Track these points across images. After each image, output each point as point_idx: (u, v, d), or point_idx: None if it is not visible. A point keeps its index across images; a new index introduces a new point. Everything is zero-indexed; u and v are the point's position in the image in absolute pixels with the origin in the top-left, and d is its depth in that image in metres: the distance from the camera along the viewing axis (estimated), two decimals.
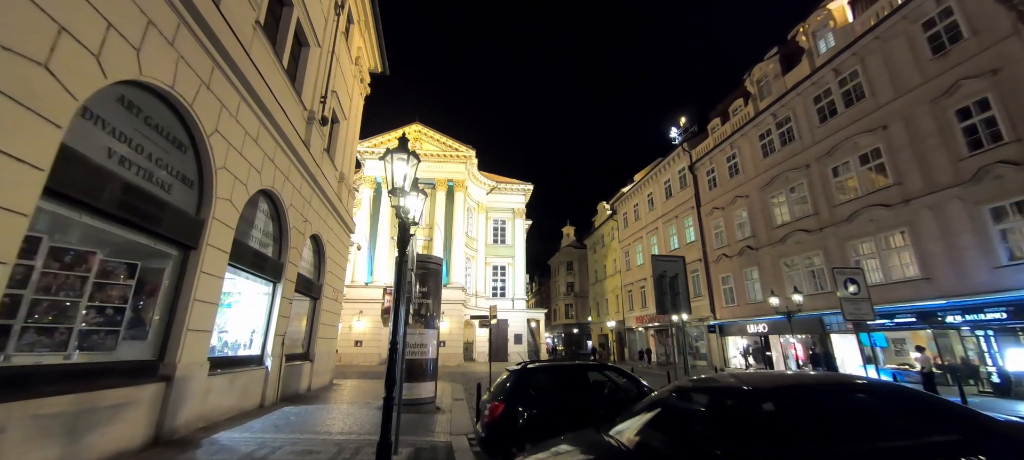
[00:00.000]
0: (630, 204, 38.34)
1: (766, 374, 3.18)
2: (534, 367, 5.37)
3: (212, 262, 6.29)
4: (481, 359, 30.86)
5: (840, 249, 17.51)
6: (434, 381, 9.68)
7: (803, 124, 19.86)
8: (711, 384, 3.03)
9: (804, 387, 2.53)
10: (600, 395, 5.42)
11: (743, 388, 2.55)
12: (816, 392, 2.50)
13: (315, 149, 10.92)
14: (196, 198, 6.10)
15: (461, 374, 20.04)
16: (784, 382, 2.57)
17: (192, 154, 5.96)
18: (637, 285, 35.44)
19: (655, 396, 3.50)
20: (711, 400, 2.77)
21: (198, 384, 6.07)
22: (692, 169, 28.57)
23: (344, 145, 14.62)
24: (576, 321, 55.37)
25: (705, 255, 26.53)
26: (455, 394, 12.18)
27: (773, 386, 2.45)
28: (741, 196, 23.61)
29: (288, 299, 9.57)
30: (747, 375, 3.10)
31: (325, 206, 12.25)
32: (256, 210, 8.22)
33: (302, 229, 10.25)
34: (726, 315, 24.36)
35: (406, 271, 6.16)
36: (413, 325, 9.52)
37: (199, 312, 6.00)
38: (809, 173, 19.24)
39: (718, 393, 2.73)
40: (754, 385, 2.54)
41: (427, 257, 10.19)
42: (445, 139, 31.14)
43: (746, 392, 2.44)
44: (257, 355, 8.59)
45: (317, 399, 10.26)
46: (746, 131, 23.44)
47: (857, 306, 9.54)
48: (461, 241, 30.16)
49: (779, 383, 2.52)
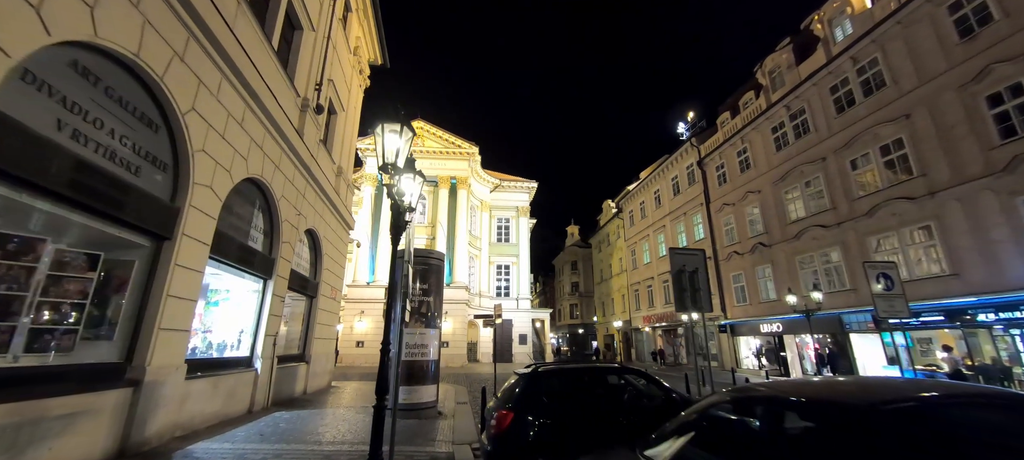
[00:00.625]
0: (636, 202, 37.64)
1: (859, 382, 2.54)
2: (546, 370, 4.73)
3: (189, 254, 5.69)
4: (485, 360, 30.22)
5: (860, 245, 16.76)
6: (436, 384, 9.07)
7: (819, 115, 19.12)
8: (782, 394, 2.39)
9: (937, 399, 1.89)
10: (621, 402, 4.79)
11: (848, 401, 1.91)
12: (952, 405, 1.86)
13: (310, 139, 10.34)
14: (170, 183, 5.52)
15: (465, 376, 19.43)
16: (905, 394, 1.93)
17: (165, 134, 5.37)
18: (644, 284, 34.73)
19: (700, 407, 2.86)
20: (793, 415, 2.12)
21: (173, 389, 5.48)
22: (701, 165, 27.85)
23: (342, 138, 14.05)
24: (581, 321, 54.69)
25: (715, 253, 25.79)
26: (458, 397, 11.56)
27: (893, 398, 1.81)
28: (753, 191, 22.88)
29: (280, 297, 8.99)
30: (833, 384, 2.47)
31: (321, 200, 11.67)
32: (243, 201, 7.64)
33: (296, 223, 9.67)
34: (738, 314, 23.62)
35: (403, 264, 5.55)
36: (413, 324, 8.91)
37: (174, 309, 5.41)
38: (826, 166, 18.49)
39: (805, 407, 2.09)
40: (863, 397, 1.90)
41: (428, 252, 9.59)
42: (448, 135, 30.57)
43: (854, 407, 1.80)
44: (245, 357, 8.01)
45: (312, 403, 9.67)
46: (758, 124, 22.70)
47: (891, 303, 8.84)
48: (464, 239, 29.57)
49: (898, 395, 1.88)
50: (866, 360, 16.84)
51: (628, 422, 4.31)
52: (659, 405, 4.51)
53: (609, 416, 4.39)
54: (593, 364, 5.01)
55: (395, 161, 4.13)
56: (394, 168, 4.17)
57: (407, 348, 8.70)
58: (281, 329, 10.57)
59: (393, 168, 4.16)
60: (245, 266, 7.63)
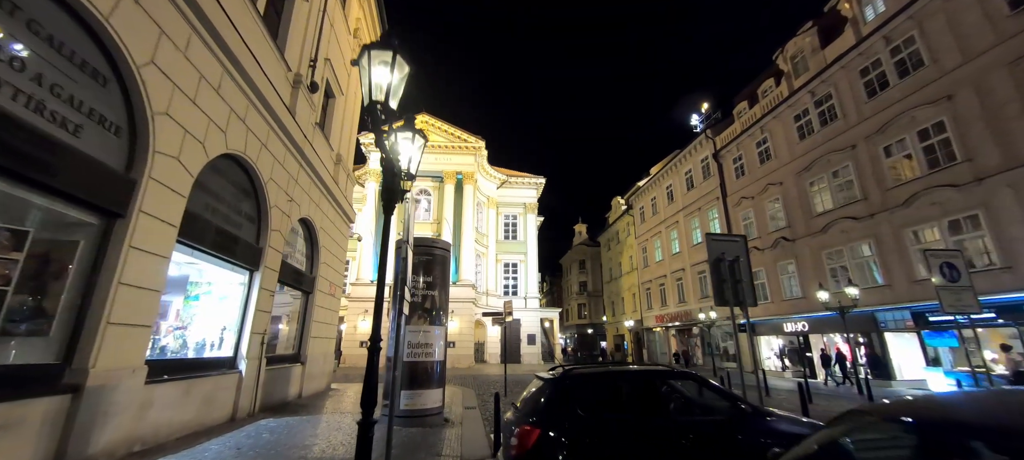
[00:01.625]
0: (647, 198, 36.52)
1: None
2: (579, 375, 3.77)
3: (150, 236, 4.81)
4: (492, 361, 29.28)
5: (896, 237, 15.60)
6: (441, 388, 8.13)
7: (847, 100, 17.95)
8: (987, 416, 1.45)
9: None
10: (677, 415, 3.80)
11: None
12: None
13: (304, 120, 9.47)
14: (125, 150, 4.64)
15: (472, 377, 18.50)
16: None
17: (117, 90, 4.49)
18: (656, 282, 33.61)
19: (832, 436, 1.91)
20: None
21: (128, 395, 4.59)
22: (717, 157, 26.71)
23: (342, 124, 13.20)
24: (589, 321, 53.58)
25: None
26: (466, 402, 10.63)
27: None
28: (774, 184, 21.72)
29: (269, 291, 8.11)
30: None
31: (318, 188, 10.81)
32: (223, 180, 6.76)
33: (287, 210, 8.79)
34: (758, 313, 22.43)
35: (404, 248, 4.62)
36: (416, 321, 7.99)
37: (128, 301, 4.52)
38: (856, 154, 17.33)
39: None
40: None
41: (433, 241, 8.66)
42: (453, 129, 29.70)
43: None
44: (228, 357, 7.13)
45: (306, 409, 8.78)
46: (779, 112, 21.55)
47: (957, 296, 7.78)
48: (471, 237, 28.66)
49: None
50: (903, 361, 15.67)
51: (689, 442, 3.35)
52: (725, 419, 3.54)
53: (664, 435, 3.42)
54: (638, 367, 3.99)
55: (385, 100, 3.17)
56: (385, 111, 3.22)
57: (409, 348, 7.78)
58: (273, 327, 9.72)
59: (384, 110, 3.21)
60: (226, 255, 6.75)
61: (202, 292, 7.45)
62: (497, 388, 14.09)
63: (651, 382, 3.79)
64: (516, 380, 17.16)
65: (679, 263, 30.55)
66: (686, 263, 29.57)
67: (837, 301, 14.82)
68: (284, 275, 9.07)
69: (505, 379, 12.63)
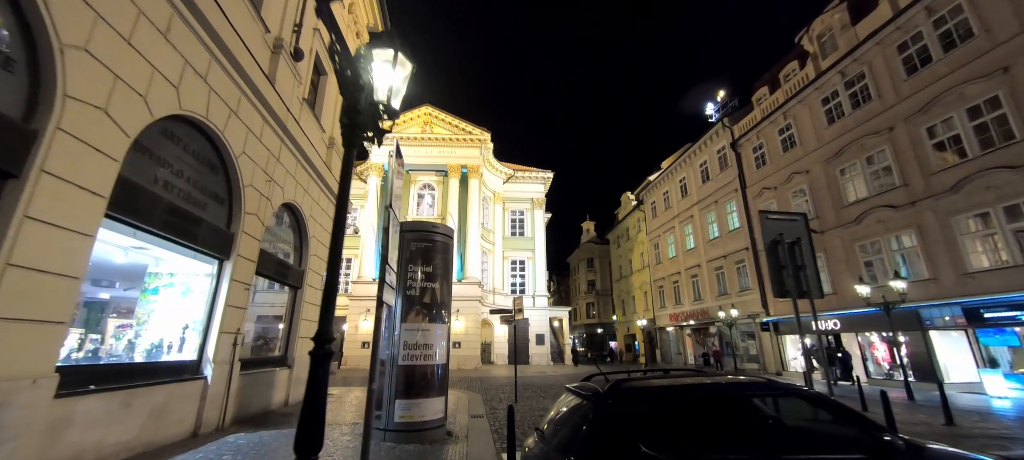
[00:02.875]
0: (659, 192, 35.17)
1: None
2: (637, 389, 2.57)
3: (60, 205, 3.70)
4: (500, 362, 28.13)
5: (942, 226, 14.22)
6: (443, 396, 6.97)
7: (883, 79, 16.57)
8: None
9: None
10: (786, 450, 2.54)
11: None
12: None
13: (287, 91, 8.37)
14: (24, 91, 3.53)
15: (479, 380, 17.34)
16: None
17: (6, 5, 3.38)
18: (670, 280, 32.25)
19: None
20: None
21: (25, 414, 3.47)
22: (735, 146, 25.34)
23: (335, 105, 12.10)
24: (598, 321, 52.29)
25: (753, 243, 23.28)
26: (473, 409, 9.47)
27: None
28: (799, 172, 20.35)
29: (244, 284, 7.00)
30: None
31: (306, 171, 9.71)
32: (178, 149, 5.64)
33: (267, 192, 7.69)
34: (783, 310, 21.06)
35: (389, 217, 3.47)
36: (414, 318, 6.85)
37: (23, 288, 3.42)
38: (894, 137, 15.95)
39: None
40: None
41: (433, 225, 7.50)
42: (458, 121, 28.58)
43: None
44: (190, 361, 6.02)
45: (290, 419, 7.66)
46: (805, 96, 20.16)
47: None
48: (476, 233, 27.52)
49: None
50: (950, 362, 14.27)
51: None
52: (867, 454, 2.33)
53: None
54: (725, 380, 2.60)
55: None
56: None
57: (406, 349, 6.64)
58: (258, 326, 8.64)
59: None
60: (184, 239, 5.64)
61: (162, 284, 6.37)
62: (506, 391, 12.95)
63: (747, 401, 2.58)
64: (526, 383, 15.99)
65: (694, 259, 29.20)
66: (702, 259, 28.21)
67: (880, 296, 13.46)
68: (265, 267, 7.97)
69: (516, 383, 11.47)
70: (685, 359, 29.90)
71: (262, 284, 8.74)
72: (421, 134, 28.49)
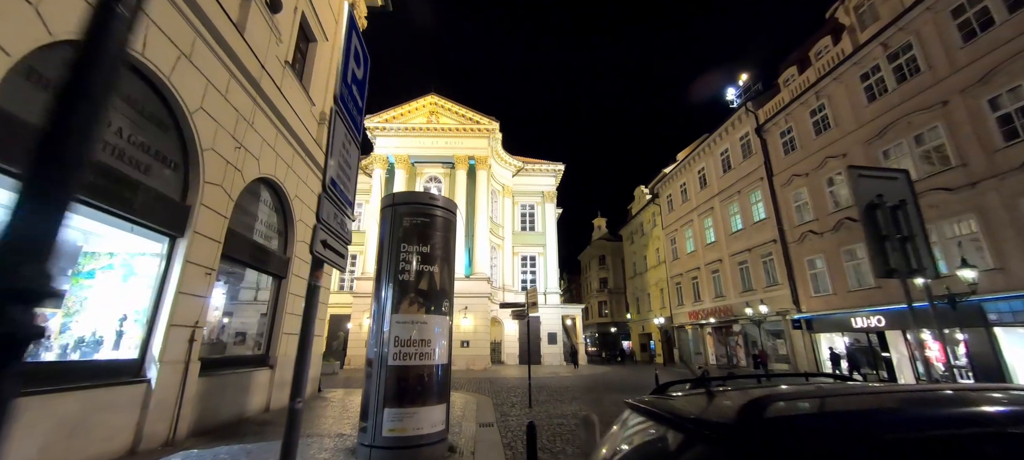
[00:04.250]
0: (675, 185, 33.56)
1: None
2: (809, 416, 1.29)
3: None
4: (511, 362, 26.87)
5: (1008, 208, 12.58)
6: (445, 403, 5.71)
7: (934, 48, 14.92)
8: None
9: None
10: None
11: None
12: None
13: (261, 46, 7.20)
14: None
15: (488, 381, 16.09)
16: None
17: None
18: (688, 276, 30.66)
19: None
20: None
21: None
22: (760, 132, 23.70)
23: (327, 77, 10.95)
24: (611, 319, 50.75)
25: (782, 234, 21.67)
26: (481, 416, 8.20)
27: None
28: (834, 156, 18.71)
29: (204, 268, 5.82)
30: None
31: (290, 145, 8.55)
32: None
33: (237, 161, 6.51)
34: (817, 306, 19.46)
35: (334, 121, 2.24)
36: (408, 309, 5.61)
37: None
38: (948, 112, 14.30)
39: None
40: None
41: (430, 196, 6.25)
42: (465, 111, 27.37)
43: None
44: (129, 361, 4.86)
45: (263, 430, 6.48)
46: (841, 73, 18.52)
47: None
48: (485, 227, 26.27)
49: None
50: (1019, 363, 12.63)
51: None
52: None
53: None
54: (956, 388, 1.31)
55: None
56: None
57: (397, 346, 5.40)
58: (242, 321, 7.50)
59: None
60: (112, 206, 4.46)
61: (99, 267, 5.21)
62: (519, 394, 11.69)
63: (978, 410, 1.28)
64: (540, 385, 14.69)
65: (715, 253, 27.61)
66: (723, 253, 26.61)
67: (945, 288, 11.89)
68: (237, 250, 6.81)
69: (529, 386, 10.19)
70: (706, 359, 28.32)
71: (254, 277, 7.59)
72: (427, 124, 27.36)
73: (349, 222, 2.93)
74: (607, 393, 12.90)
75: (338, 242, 2.79)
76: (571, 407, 9.82)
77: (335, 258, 2.64)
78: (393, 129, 27.13)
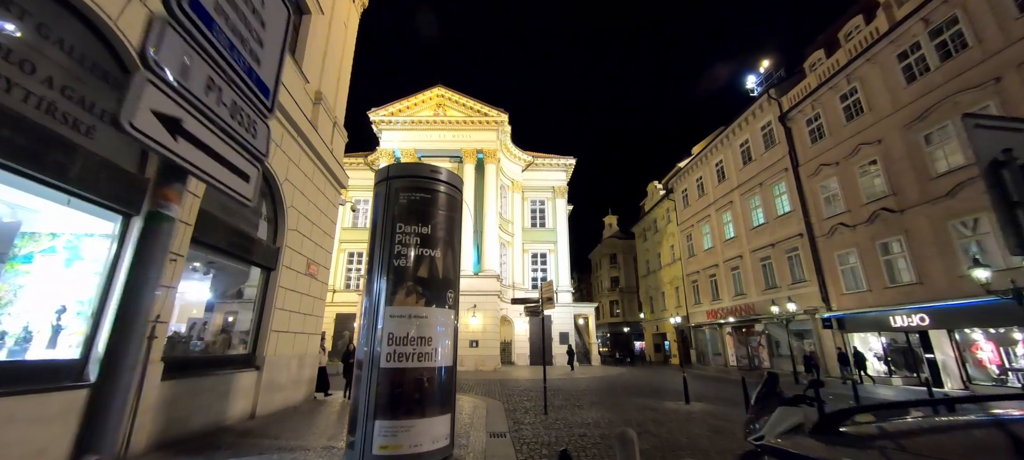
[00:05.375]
0: (691, 179, 32.32)
1: None
2: None
3: None
4: (521, 362, 25.92)
5: None
6: (449, 413, 4.79)
7: (984, 20, 13.65)
8: None
9: None
10: None
11: None
12: None
13: None
14: None
15: (499, 383, 15.15)
16: None
17: None
18: (706, 273, 29.40)
19: None
20: None
21: None
22: (783, 120, 22.44)
23: (324, 55, 10.12)
24: (623, 319, 49.51)
25: (809, 228, 20.40)
26: (492, 423, 7.27)
27: None
28: (868, 143, 17.44)
29: (171, 254, 4.98)
30: None
31: (280, 121, 7.71)
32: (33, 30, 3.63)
33: None
34: (849, 304, 18.19)
35: None
36: (404, 300, 4.70)
37: None
38: (1002, 88, 13.03)
39: None
40: None
41: (431, 168, 5.33)
42: (473, 103, 26.48)
43: None
44: (68, 362, 4.02)
45: (240, 442, 5.62)
46: (875, 53, 17.25)
47: None
48: (494, 222, 25.36)
49: None
50: None
51: None
52: None
53: None
54: None
55: None
56: None
57: (391, 345, 4.49)
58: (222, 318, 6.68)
59: None
60: (39, 171, 3.62)
61: (39, 250, 4.39)
62: (532, 398, 10.73)
63: None
64: (554, 388, 13.73)
65: (734, 249, 26.35)
66: (744, 249, 25.36)
67: (1009, 281, 10.67)
68: (212, 235, 5.97)
69: (545, 390, 9.23)
70: (726, 360, 27.07)
71: (240, 268, 6.76)
72: (434, 117, 26.54)
73: (259, 120, 1.85)
74: (627, 397, 11.89)
75: (218, 131, 1.55)
76: (592, 414, 8.83)
77: (192, 158, 1.43)
78: (399, 122, 26.36)
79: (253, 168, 1.78)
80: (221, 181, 1.59)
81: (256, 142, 1.81)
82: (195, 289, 6.65)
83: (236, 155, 1.67)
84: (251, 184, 1.76)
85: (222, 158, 1.58)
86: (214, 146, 1.54)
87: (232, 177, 1.64)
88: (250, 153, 1.77)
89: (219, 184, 1.58)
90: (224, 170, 1.60)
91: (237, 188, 1.67)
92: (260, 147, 1.84)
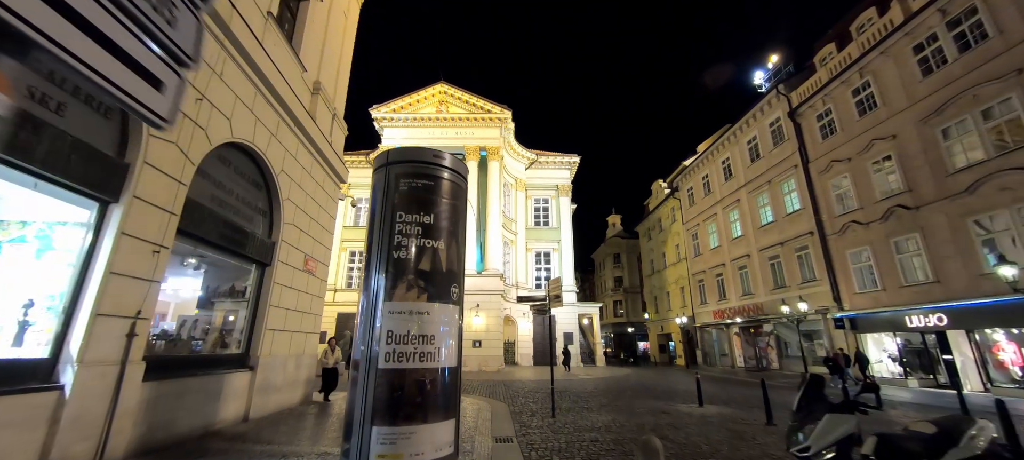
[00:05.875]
0: (696, 177, 31.86)
1: None
2: None
3: None
4: (525, 362, 25.51)
5: None
6: (454, 418, 4.40)
7: (1006, 11, 13.18)
8: None
9: None
10: None
11: None
12: None
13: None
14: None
15: (503, 384, 14.76)
16: None
17: None
18: (712, 272, 28.93)
19: None
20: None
21: None
22: (793, 116, 21.97)
23: (324, 43, 9.77)
24: (627, 319, 49.07)
25: (820, 226, 19.93)
26: (498, 426, 6.88)
27: None
28: (882, 138, 16.96)
29: (152, 245, 4.62)
30: None
31: (275, 110, 7.36)
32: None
33: (197, 116, 5.30)
34: (863, 304, 17.71)
35: None
36: (404, 295, 4.32)
37: None
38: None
39: None
40: None
41: (434, 152, 4.94)
42: (475, 99, 26.12)
43: None
44: (36, 361, 3.65)
45: (230, 447, 5.26)
46: (889, 45, 16.78)
47: None
48: (497, 221, 24.99)
49: None
50: None
51: None
52: None
53: None
54: None
55: None
56: None
57: (390, 344, 4.11)
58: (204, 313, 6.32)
59: None
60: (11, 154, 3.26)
61: (8, 239, 4.03)
62: (538, 399, 10.35)
63: None
64: (561, 389, 13.31)
65: (742, 248, 25.89)
66: (752, 248, 24.90)
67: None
68: (201, 227, 5.61)
69: (553, 393, 8.84)
70: (732, 361, 26.60)
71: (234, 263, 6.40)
72: (436, 114, 26.19)
73: (184, 7, 1.32)
74: (637, 399, 11.48)
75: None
76: (602, 417, 8.44)
77: (44, 22, 0.96)
78: (401, 120, 26.04)
79: (172, 75, 1.30)
80: (107, 76, 1.08)
81: (176, 36, 1.29)
82: (182, 284, 6.29)
83: (140, 48, 1.19)
84: (166, 97, 1.27)
85: (113, 44, 1.10)
86: (98, 22, 1.05)
87: (132, 79, 1.14)
88: (166, 49, 1.28)
89: (103, 80, 1.08)
90: (117, 63, 1.11)
91: (140, 96, 1.18)
92: (183, 46, 1.32)
